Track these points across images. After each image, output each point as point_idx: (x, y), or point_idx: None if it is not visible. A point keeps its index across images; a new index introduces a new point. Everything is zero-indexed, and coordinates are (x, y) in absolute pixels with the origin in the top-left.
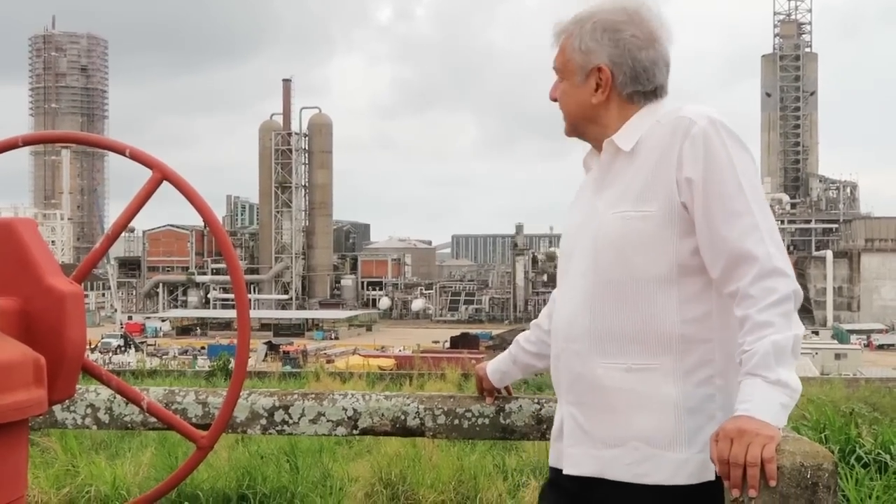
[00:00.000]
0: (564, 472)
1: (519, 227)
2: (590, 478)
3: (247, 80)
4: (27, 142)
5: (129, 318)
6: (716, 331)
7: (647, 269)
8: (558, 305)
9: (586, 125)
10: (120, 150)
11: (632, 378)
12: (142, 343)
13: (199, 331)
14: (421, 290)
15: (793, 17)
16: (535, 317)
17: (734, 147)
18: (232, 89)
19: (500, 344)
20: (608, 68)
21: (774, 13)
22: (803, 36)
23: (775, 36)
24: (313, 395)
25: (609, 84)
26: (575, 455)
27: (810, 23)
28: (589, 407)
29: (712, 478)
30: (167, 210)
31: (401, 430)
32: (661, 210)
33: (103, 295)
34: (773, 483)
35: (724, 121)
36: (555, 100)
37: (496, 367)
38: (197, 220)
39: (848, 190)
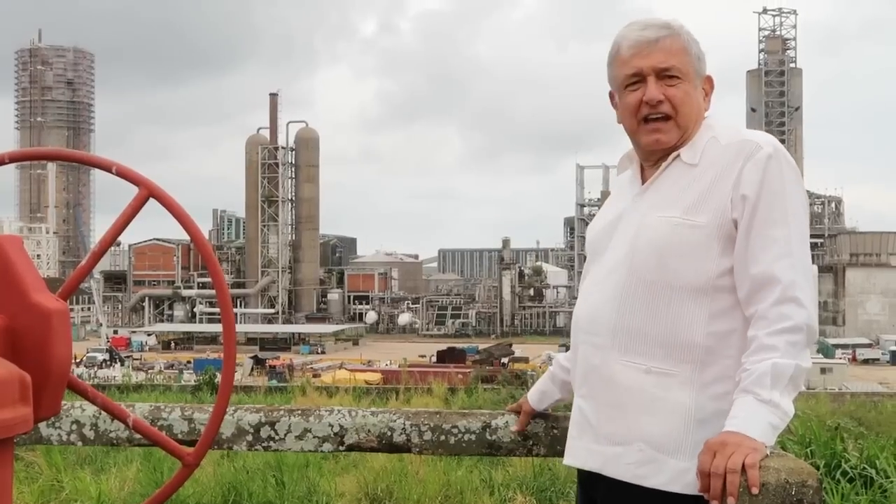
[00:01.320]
0: (564, 462)
1: (506, 242)
2: (592, 473)
3: (229, 93)
4: (14, 158)
5: (115, 332)
6: (737, 349)
7: (685, 277)
8: (580, 299)
9: (693, 129)
10: (107, 168)
11: (649, 380)
12: (127, 357)
13: (173, 345)
14: (408, 304)
15: (778, 32)
16: (522, 331)
17: (791, 179)
18: (215, 102)
19: (487, 358)
20: (711, 79)
21: (760, 29)
22: (788, 52)
23: (760, 52)
24: (300, 412)
25: (710, 94)
26: (576, 447)
27: (795, 39)
28: (599, 402)
29: None
30: (153, 224)
31: (387, 446)
32: (711, 224)
33: (88, 309)
34: (755, 490)
35: (786, 152)
36: (660, 101)
37: (536, 388)
38: (183, 234)
39: (833, 205)
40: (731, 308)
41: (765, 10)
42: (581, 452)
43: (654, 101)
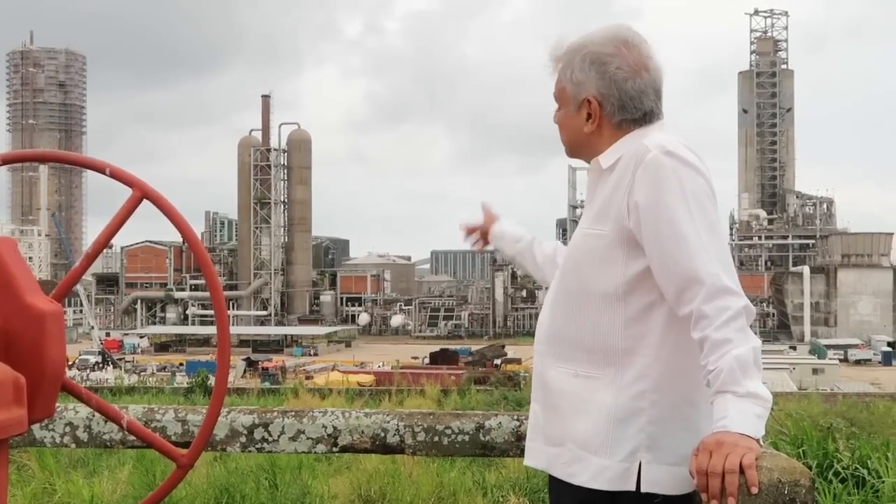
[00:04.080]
0: (524, 462)
1: None
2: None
3: (216, 95)
4: (7, 160)
5: (107, 334)
6: (655, 349)
7: (597, 284)
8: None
9: (581, 150)
10: (100, 169)
11: (577, 384)
12: (120, 360)
13: (149, 347)
14: (400, 305)
15: (769, 34)
16: (515, 332)
17: (686, 173)
18: (201, 104)
19: (480, 359)
20: (597, 100)
21: (751, 30)
22: (779, 53)
23: (752, 53)
24: (293, 413)
25: (598, 114)
26: (531, 448)
27: (786, 40)
28: (544, 405)
29: (632, 488)
30: (145, 226)
31: (381, 447)
32: (613, 231)
33: (80, 311)
34: (754, 490)
35: (679, 151)
36: (556, 123)
37: (504, 226)
38: (175, 237)
39: (824, 206)
40: (646, 309)
41: (756, 12)
42: (534, 453)
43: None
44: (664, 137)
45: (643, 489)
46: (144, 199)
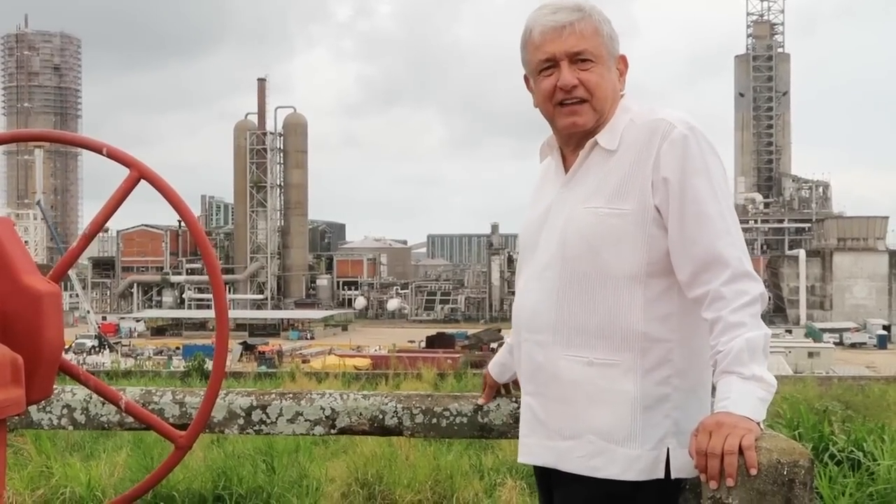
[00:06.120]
0: (518, 460)
1: (494, 227)
2: (546, 468)
3: (207, 78)
4: (3, 140)
5: (104, 318)
6: (676, 332)
7: (617, 265)
8: (519, 296)
9: (609, 111)
10: (97, 149)
11: (592, 372)
12: (116, 343)
13: (146, 331)
14: (396, 289)
15: (765, 17)
16: (511, 316)
17: (709, 154)
18: (192, 87)
19: (476, 343)
20: (625, 59)
21: (748, 14)
22: (776, 36)
23: (748, 36)
24: (291, 395)
25: (625, 75)
26: (530, 445)
27: (782, 23)
28: (547, 398)
29: (661, 475)
30: (141, 209)
31: (379, 429)
32: (636, 209)
33: (76, 295)
34: (753, 472)
35: (700, 128)
36: (574, 86)
37: (496, 361)
38: (171, 220)
39: (820, 189)
40: (667, 291)
41: None
42: (534, 449)
43: (568, 87)
44: (682, 113)
45: (673, 475)
46: (142, 180)
